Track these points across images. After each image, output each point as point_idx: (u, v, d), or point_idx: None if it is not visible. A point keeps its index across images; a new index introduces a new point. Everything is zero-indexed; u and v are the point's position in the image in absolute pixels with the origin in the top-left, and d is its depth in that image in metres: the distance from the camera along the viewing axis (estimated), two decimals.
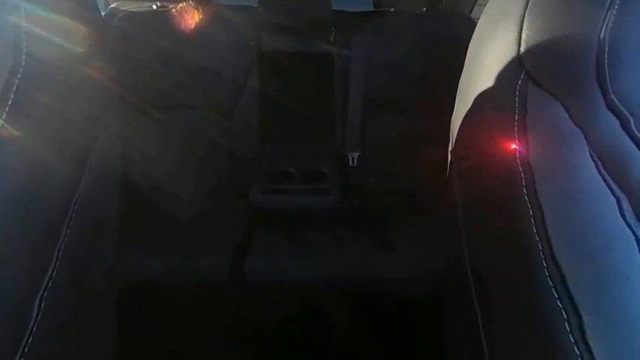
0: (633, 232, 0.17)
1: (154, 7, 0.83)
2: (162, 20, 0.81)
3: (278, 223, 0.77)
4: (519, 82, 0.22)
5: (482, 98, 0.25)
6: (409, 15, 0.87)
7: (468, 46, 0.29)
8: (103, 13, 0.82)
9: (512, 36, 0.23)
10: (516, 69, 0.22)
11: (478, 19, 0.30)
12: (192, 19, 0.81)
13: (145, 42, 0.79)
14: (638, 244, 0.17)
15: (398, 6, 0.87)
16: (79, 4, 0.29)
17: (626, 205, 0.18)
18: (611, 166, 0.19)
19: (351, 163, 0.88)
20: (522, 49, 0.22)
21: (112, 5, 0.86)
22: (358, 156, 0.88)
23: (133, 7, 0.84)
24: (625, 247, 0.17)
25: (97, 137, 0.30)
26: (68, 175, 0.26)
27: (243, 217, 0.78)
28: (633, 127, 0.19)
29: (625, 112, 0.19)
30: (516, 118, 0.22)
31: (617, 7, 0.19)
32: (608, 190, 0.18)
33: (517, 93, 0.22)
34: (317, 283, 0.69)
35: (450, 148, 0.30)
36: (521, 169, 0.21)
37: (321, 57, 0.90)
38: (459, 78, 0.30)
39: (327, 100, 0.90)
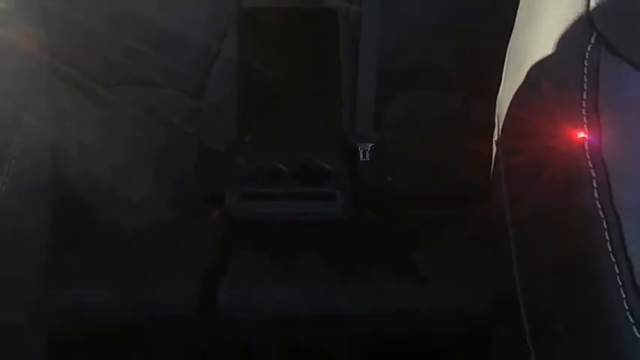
0: None
1: None
2: None
3: (262, 239, 0.77)
4: (589, 49, 0.23)
5: (539, 71, 0.26)
6: None
7: (517, 2, 0.30)
8: None
9: None
10: (585, 31, 0.23)
11: None
12: None
13: None
14: None
15: None
16: None
17: None
18: None
19: (362, 158, 0.88)
20: (592, 5, 0.23)
21: None
22: (372, 147, 0.88)
23: None
24: None
25: (19, 123, 0.30)
26: None
27: (216, 230, 0.79)
28: None
29: None
30: (584, 97, 0.22)
31: None
32: None
33: (585, 64, 0.23)
34: (314, 323, 0.70)
35: (495, 139, 0.31)
36: (591, 167, 0.21)
37: (320, 14, 0.90)
38: (508, 45, 0.31)
39: (329, 73, 0.90)
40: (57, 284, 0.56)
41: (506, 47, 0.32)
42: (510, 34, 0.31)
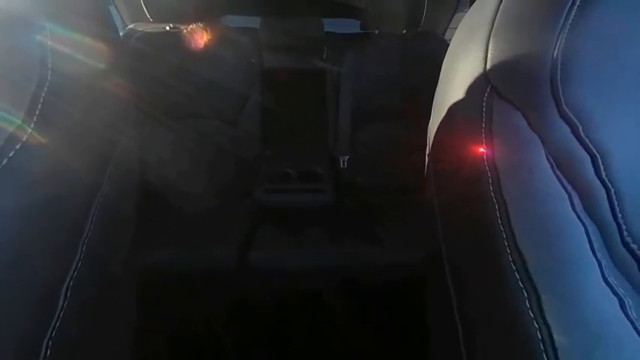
0: (582, 223, 0.18)
1: (167, 28, 0.83)
2: (175, 40, 0.80)
3: (279, 219, 0.76)
4: (486, 95, 0.22)
5: (455, 108, 0.25)
6: (392, 36, 0.89)
7: (442, 63, 0.30)
8: (121, 34, 0.82)
9: (479, 55, 0.23)
10: (483, 84, 0.23)
11: (450, 40, 0.30)
12: (201, 39, 0.81)
13: (159, 59, 0.79)
14: (586, 233, 0.17)
15: (382, 28, 0.88)
16: (99, 25, 0.28)
17: (576, 200, 0.18)
18: (563, 167, 0.19)
19: (342, 165, 0.88)
20: (488, 67, 0.22)
21: (130, 26, 0.85)
22: (348, 159, 0.88)
23: (148, 28, 0.83)
24: (576, 236, 0.18)
25: (116, 144, 0.30)
26: (90, 179, 0.26)
27: (248, 213, 0.78)
28: (582, 134, 0.19)
29: (575, 120, 0.19)
30: (483, 126, 0.22)
31: (567, 30, 0.20)
32: (561, 187, 0.19)
33: (484, 104, 0.22)
34: (314, 271, 0.69)
35: (427, 152, 0.30)
36: (487, 170, 0.21)
37: (315, 73, 0.90)
38: (435, 91, 0.30)
39: (320, 111, 0.90)
40: (143, 249, 0.55)
41: (433, 94, 0.31)
42: (435, 86, 0.31)
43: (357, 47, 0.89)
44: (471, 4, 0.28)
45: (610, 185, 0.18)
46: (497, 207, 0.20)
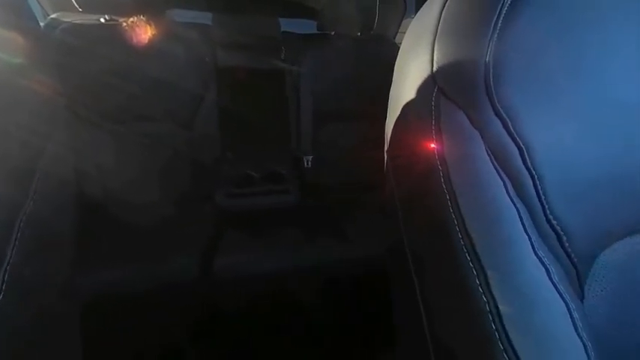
0: (515, 206, 0.20)
1: (102, 20, 0.73)
2: (112, 33, 0.71)
3: (243, 222, 0.74)
4: (434, 95, 0.24)
5: (407, 108, 0.26)
6: (348, 39, 0.91)
7: (393, 65, 0.31)
8: (41, 24, 0.70)
9: (426, 58, 0.25)
10: (431, 85, 0.24)
11: (400, 43, 0.32)
12: (144, 33, 0.73)
13: (93, 54, 0.69)
14: (518, 215, 0.20)
15: (337, 30, 0.90)
16: (12, 13, 0.24)
17: (509, 187, 0.21)
18: (499, 158, 0.22)
19: (306, 165, 0.88)
20: (435, 69, 0.24)
21: (52, 16, 0.73)
22: (312, 159, 0.89)
23: (77, 19, 0.72)
24: (511, 218, 0.20)
25: (43, 152, 0.26)
26: (9, 195, 0.22)
27: (210, 219, 0.73)
28: (511, 129, 0.22)
29: (505, 117, 0.22)
30: (433, 124, 0.23)
31: (495, 39, 0.23)
32: (498, 176, 0.21)
33: (432, 103, 0.24)
34: (285, 273, 0.68)
35: (385, 149, 0.31)
36: (438, 163, 0.22)
37: (273, 73, 0.88)
38: (389, 91, 0.32)
39: (281, 111, 0.89)
40: (86, 271, 0.48)
41: (388, 95, 0.32)
42: (389, 87, 0.32)
43: (315, 48, 0.90)
44: (417, 11, 0.30)
45: (534, 172, 0.21)
46: (448, 197, 0.21)
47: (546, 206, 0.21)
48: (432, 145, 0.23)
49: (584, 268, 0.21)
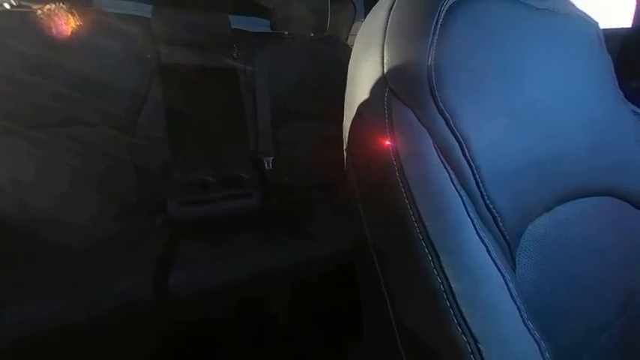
0: (459, 195, 0.23)
1: (7, 5, 0.61)
2: (23, 23, 0.61)
3: (202, 232, 0.69)
4: (386, 95, 0.25)
5: (362, 107, 0.28)
6: (302, 39, 0.91)
7: (346, 66, 0.32)
8: None
9: (377, 60, 0.27)
10: (383, 85, 0.26)
11: (352, 45, 0.33)
12: (65, 24, 0.63)
13: (1, 47, 0.58)
14: (462, 202, 0.23)
15: (291, 29, 0.90)
16: None
17: (454, 178, 0.24)
18: (444, 152, 0.24)
19: (267, 167, 0.86)
20: (385, 71, 0.26)
21: None
22: (273, 160, 0.87)
23: None
24: (456, 205, 0.23)
25: None
26: None
27: (163, 232, 0.67)
28: (452, 125, 0.25)
29: (447, 115, 0.25)
30: (387, 122, 0.25)
31: (435, 44, 0.25)
32: (444, 168, 0.24)
33: (385, 103, 0.25)
34: (249, 280, 0.65)
35: (344, 148, 0.32)
36: (393, 159, 0.24)
37: (226, 72, 0.85)
38: (343, 91, 0.32)
39: (236, 111, 0.85)
40: (11, 307, 0.40)
41: (342, 92, 0.33)
42: (343, 84, 0.32)
43: (269, 47, 0.89)
44: (367, 14, 0.32)
45: (472, 163, 0.24)
46: (403, 190, 0.23)
47: (484, 193, 0.24)
48: (387, 143, 0.24)
49: (514, 243, 0.25)
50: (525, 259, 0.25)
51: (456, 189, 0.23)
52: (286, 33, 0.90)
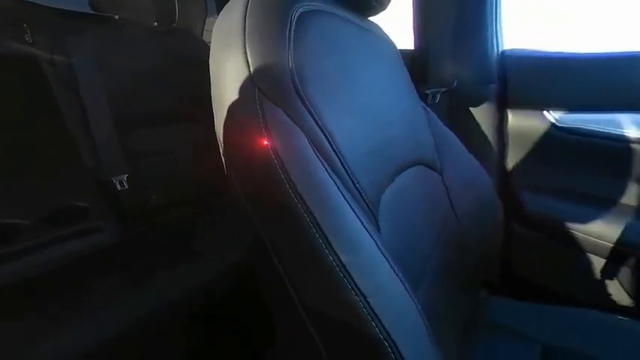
0: (335, 182, 0.27)
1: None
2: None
3: (26, 294, 0.47)
4: (256, 95, 0.26)
5: (234, 108, 0.27)
6: (144, 28, 0.76)
7: (205, 63, 0.30)
8: None
9: (241, 59, 0.27)
10: (251, 86, 0.26)
11: (209, 42, 0.31)
12: None
13: None
14: (338, 188, 0.27)
15: (122, 13, 0.72)
16: None
17: (328, 168, 0.28)
18: (316, 147, 0.28)
19: (120, 187, 0.68)
20: (252, 72, 0.26)
21: None
22: (128, 177, 0.69)
23: None
24: (334, 192, 0.27)
25: None
26: None
27: None
28: (319, 121, 0.28)
29: (314, 113, 0.28)
30: (261, 121, 0.25)
31: (292, 49, 0.28)
32: (319, 161, 0.27)
33: (257, 102, 0.26)
34: (126, 331, 0.51)
35: (221, 151, 0.31)
36: (274, 157, 0.25)
37: (20, 63, 0.58)
38: (208, 91, 0.31)
39: (51, 118, 0.62)
40: None
41: (203, 92, 0.31)
42: (203, 83, 0.31)
43: (95, 33, 0.68)
44: (219, 10, 0.30)
45: (339, 153, 0.29)
46: (287, 185, 0.25)
47: (351, 176, 0.30)
48: (265, 142, 0.25)
49: (375, 211, 0.32)
50: (384, 222, 0.33)
51: (332, 178, 0.27)
52: (117, 17, 0.72)
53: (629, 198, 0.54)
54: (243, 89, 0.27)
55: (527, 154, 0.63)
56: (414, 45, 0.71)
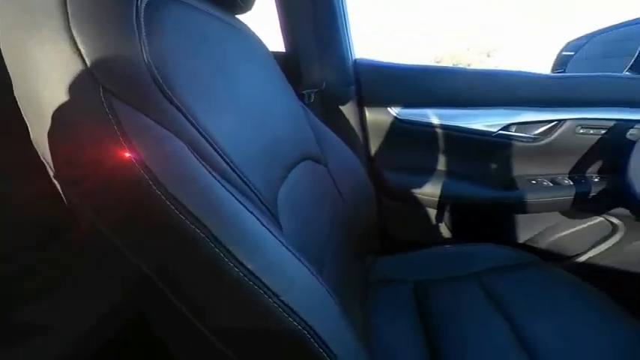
0: (224, 186, 0.25)
1: None
2: None
3: None
4: (102, 98, 0.21)
5: (68, 113, 0.21)
6: None
7: None
8: None
9: (67, 50, 0.21)
10: (94, 85, 0.21)
11: None
12: None
13: None
14: (229, 191, 0.25)
15: None
16: None
17: (213, 172, 0.25)
18: (196, 150, 0.25)
19: None
20: (90, 67, 0.21)
21: None
22: None
23: None
24: (226, 196, 0.25)
25: None
26: None
27: None
28: (195, 123, 0.26)
29: (187, 113, 0.25)
30: (116, 129, 0.21)
31: (146, 42, 0.24)
32: (202, 166, 0.24)
33: (105, 106, 0.21)
34: None
35: (52, 175, 0.24)
36: (142, 171, 0.21)
37: None
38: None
39: None
40: None
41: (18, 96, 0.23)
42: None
43: None
44: None
45: (223, 154, 0.27)
46: (166, 200, 0.21)
47: (244, 178, 0.29)
48: (127, 154, 0.21)
49: (274, 209, 0.33)
50: (284, 218, 0.34)
51: (219, 181, 0.25)
52: None
53: (446, 166, 0.79)
54: (80, 90, 0.21)
55: (383, 142, 0.80)
56: (285, 48, 0.76)
